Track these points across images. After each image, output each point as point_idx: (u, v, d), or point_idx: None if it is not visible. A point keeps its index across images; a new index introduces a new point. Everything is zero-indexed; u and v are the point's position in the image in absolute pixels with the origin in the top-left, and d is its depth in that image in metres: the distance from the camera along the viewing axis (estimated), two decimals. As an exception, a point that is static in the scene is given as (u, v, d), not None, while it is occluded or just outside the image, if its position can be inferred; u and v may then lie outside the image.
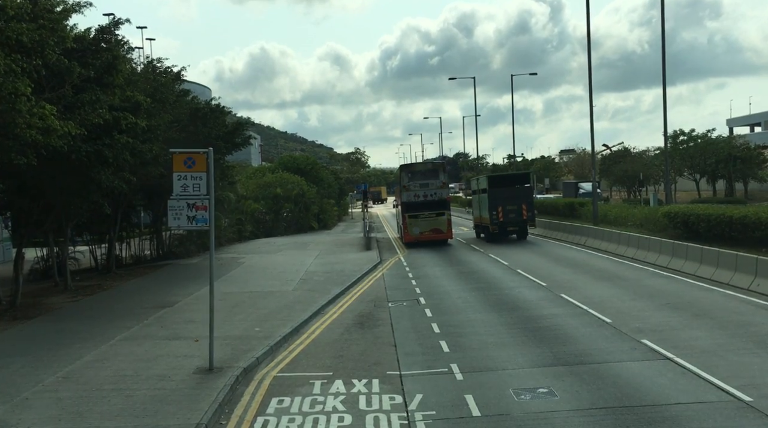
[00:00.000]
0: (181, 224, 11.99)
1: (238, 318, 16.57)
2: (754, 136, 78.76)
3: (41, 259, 26.81)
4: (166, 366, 12.25)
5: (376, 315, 17.17)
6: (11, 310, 18.34)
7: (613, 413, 9.37)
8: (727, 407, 9.40)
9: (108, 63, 18.22)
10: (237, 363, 12.25)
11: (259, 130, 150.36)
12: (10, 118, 13.74)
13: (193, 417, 9.54)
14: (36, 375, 11.89)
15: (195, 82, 55.27)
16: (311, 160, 67.89)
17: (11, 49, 13.65)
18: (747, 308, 15.72)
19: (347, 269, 25.85)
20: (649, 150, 75.43)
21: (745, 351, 12.11)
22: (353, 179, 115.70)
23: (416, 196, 34.69)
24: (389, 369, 12.05)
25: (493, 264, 26.47)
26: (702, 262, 20.75)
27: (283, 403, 10.42)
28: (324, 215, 59.38)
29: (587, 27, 35.48)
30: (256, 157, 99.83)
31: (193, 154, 11.79)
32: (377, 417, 9.65)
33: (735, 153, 60.11)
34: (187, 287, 21.89)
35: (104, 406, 10.13)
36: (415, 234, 34.65)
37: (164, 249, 32.82)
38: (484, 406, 9.85)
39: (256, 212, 47.85)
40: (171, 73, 27.65)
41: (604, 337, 13.59)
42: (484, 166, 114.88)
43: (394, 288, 21.43)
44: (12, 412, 10.00)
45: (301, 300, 18.92)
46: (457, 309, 17.28)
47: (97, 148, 17.54)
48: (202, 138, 26.70)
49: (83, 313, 17.95)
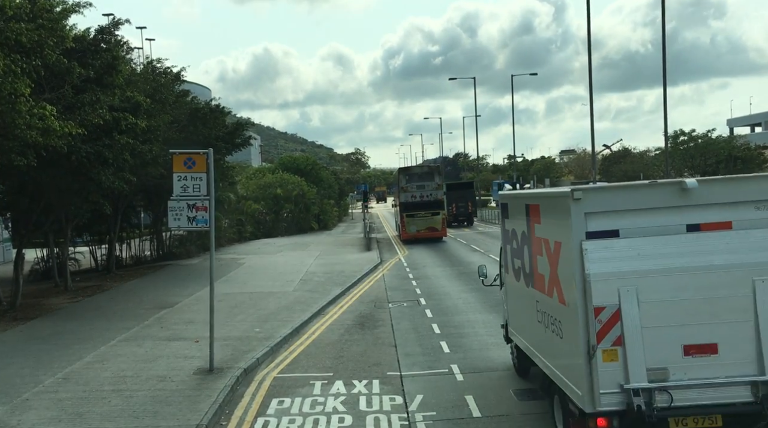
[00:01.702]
0: (181, 225, 11.97)
1: (238, 318, 16.55)
2: (755, 137, 78.69)
3: (41, 260, 26.80)
4: (167, 366, 12.23)
5: (377, 315, 17.15)
6: (11, 311, 18.32)
7: (614, 414, 9.31)
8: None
9: (108, 63, 18.20)
10: (237, 364, 12.23)
11: (259, 131, 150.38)
12: (10, 118, 13.72)
13: (193, 418, 9.53)
14: (36, 376, 11.88)
15: (195, 83, 55.24)
16: (311, 161, 67.91)
17: (10, 50, 13.62)
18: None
19: (347, 270, 25.83)
20: (649, 150, 75.47)
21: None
22: (353, 180, 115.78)
23: (413, 197, 37.37)
24: (389, 369, 12.04)
25: (494, 264, 26.37)
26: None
27: (284, 404, 10.41)
28: (324, 216, 59.41)
29: (587, 27, 35.48)
30: (256, 157, 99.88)
31: (193, 155, 11.77)
32: (377, 418, 9.63)
33: (735, 153, 60.11)
34: (188, 288, 21.87)
35: (104, 407, 10.11)
36: (412, 232, 37.13)
37: (164, 250, 32.81)
38: (484, 407, 9.83)
39: (256, 213, 47.87)
40: (171, 74, 27.62)
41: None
42: (485, 167, 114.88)
43: (395, 289, 21.41)
44: (12, 413, 9.98)
45: (301, 301, 18.90)
46: (457, 310, 17.26)
47: (97, 148, 17.54)
48: (202, 138, 26.68)
49: (83, 314, 17.93)
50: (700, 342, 6.95)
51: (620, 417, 6.95)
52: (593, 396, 6.99)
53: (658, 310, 6.96)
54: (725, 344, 6.94)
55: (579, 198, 7.17)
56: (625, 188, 7.73)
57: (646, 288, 6.95)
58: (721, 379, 6.91)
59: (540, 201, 8.69)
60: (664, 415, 6.87)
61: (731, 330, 6.94)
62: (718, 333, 6.94)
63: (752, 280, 6.94)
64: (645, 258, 7.06)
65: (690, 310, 6.95)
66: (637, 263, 7.04)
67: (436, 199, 37.84)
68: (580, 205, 7.18)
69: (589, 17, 35.53)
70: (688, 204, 7.18)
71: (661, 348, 6.92)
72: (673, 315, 6.95)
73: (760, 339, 6.87)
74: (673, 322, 6.95)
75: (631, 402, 6.81)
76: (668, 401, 6.89)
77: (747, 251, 7.01)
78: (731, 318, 6.94)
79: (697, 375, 6.92)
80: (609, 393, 6.93)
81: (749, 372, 6.91)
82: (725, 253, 7.04)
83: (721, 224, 7.15)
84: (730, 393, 6.92)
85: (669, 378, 6.93)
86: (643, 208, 7.25)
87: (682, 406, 6.90)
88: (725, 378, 6.92)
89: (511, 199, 10.46)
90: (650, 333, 6.91)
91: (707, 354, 6.96)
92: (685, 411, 6.94)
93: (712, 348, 6.96)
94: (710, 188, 7.30)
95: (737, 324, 6.94)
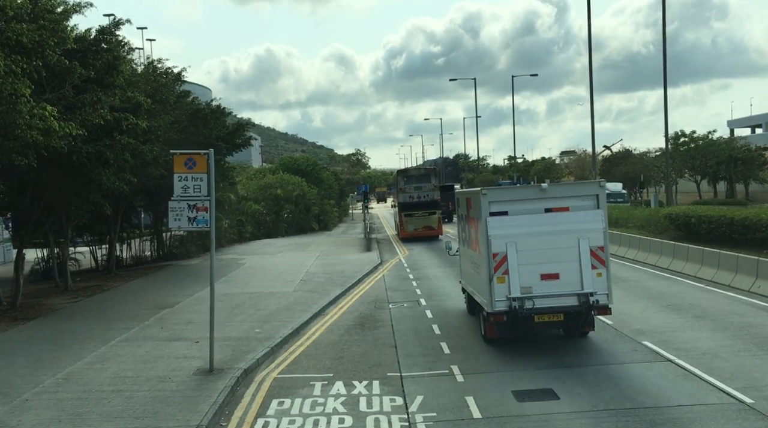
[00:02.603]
0: (182, 225, 11.98)
1: (238, 319, 16.54)
2: (755, 138, 78.59)
3: (42, 260, 26.80)
4: (167, 367, 12.23)
5: (377, 316, 17.14)
6: (11, 311, 18.32)
7: (614, 415, 9.34)
8: (729, 409, 9.38)
9: (108, 63, 18.20)
10: (237, 365, 12.23)
11: (260, 131, 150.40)
12: (11, 118, 13.72)
13: (193, 418, 9.53)
14: (36, 376, 11.88)
15: (196, 83, 55.23)
16: (312, 161, 67.87)
17: (11, 50, 13.62)
18: (748, 310, 15.69)
19: (348, 270, 25.83)
20: (650, 151, 75.37)
21: (746, 352, 12.09)
22: (354, 180, 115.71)
23: (411, 198, 39.72)
24: (390, 370, 12.03)
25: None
26: (703, 264, 20.72)
27: (284, 405, 10.40)
28: (324, 216, 59.35)
29: (588, 28, 35.51)
30: (257, 158, 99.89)
31: (193, 155, 11.78)
32: (378, 419, 9.63)
33: (736, 154, 60.06)
34: (188, 288, 21.87)
35: (104, 407, 10.11)
36: (410, 230, 39.39)
37: (164, 250, 32.81)
38: (485, 408, 9.82)
39: (256, 213, 47.84)
40: (171, 74, 27.64)
41: (605, 339, 13.55)
42: (485, 167, 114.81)
43: (395, 290, 21.40)
44: (12, 413, 9.98)
45: (301, 302, 18.90)
46: (458, 311, 17.25)
47: (97, 148, 17.54)
48: (203, 139, 26.69)
49: (83, 314, 17.93)
50: (549, 272, 12.06)
51: (506, 314, 12.12)
52: (492, 303, 12.17)
53: (526, 255, 12.05)
54: (563, 273, 12.05)
55: (485, 193, 12.58)
56: (510, 188, 14.29)
57: (520, 243, 12.08)
58: (561, 293, 12.03)
59: (470, 195, 13.98)
60: (530, 313, 12.02)
61: (566, 266, 12.04)
62: (559, 268, 12.06)
63: (577, 239, 12.04)
64: (520, 227, 12.20)
65: (544, 255, 12.04)
66: (516, 229, 12.18)
67: (433, 199, 39.65)
68: (486, 197, 12.47)
69: (589, 18, 35.57)
70: (544, 197, 12.48)
71: (528, 276, 12.03)
72: (535, 258, 12.03)
73: (581, 271, 11.99)
74: (534, 262, 12.02)
75: (512, 306, 11.98)
76: (532, 305, 12.00)
77: (575, 223, 12.18)
78: (566, 259, 12.04)
79: (548, 291, 12.03)
80: (500, 301, 12.10)
81: (576, 290, 12.03)
82: (564, 224, 12.19)
83: (563, 208, 12.40)
84: (565, 301, 12.06)
85: (532, 292, 12.00)
86: (520, 199, 12.60)
87: (539, 308, 12.02)
88: (563, 292, 12.03)
89: (459, 195, 16.33)
90: (522, 268, 12.05)
91: (553, 279, 12.06)
92: (542, 311, 12.05)
93: (556, 276, 12.07)
94: (556, 188, 12.89)
95: (569, 263, 12.04)
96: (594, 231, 12.09)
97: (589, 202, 12.44)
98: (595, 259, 12.04)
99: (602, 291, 12.03)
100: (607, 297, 12.11)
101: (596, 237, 12.07)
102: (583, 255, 11.95)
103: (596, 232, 12.09)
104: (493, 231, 12.13)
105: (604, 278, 12.07)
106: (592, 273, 11.98)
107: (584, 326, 12.74)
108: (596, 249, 12.04)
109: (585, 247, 11.98)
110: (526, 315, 11.96)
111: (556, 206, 12.36)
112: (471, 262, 14.21)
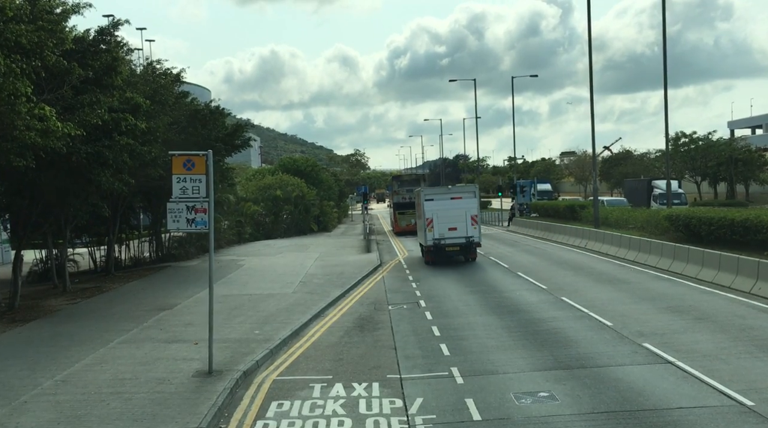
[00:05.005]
0: (181, 226, 11.94)
1: (237, 320, 16.51)
2: (756, 139, 78.67)
3: (40, 261, 26.76)
4: (165, 369, 12.19)
5: (377, 318, 17.10)
6: (10, 313, 18.28)
7: (614, 417, 9.31)
8: (729, 411, 9.34)
9: (107, 64, 18.17)
10: (236, 367, 12.19)
11: (259, 132, 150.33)
12: (9, 119, 13.68)
13: (193, 420, 9.49)
14: (34, 378, 11.83)
15: (195, 84, 55.22)
16: (311, 162, 67.79)
17: (10, 51, 13.58)
18: (748, 311, 15.66)
19: (347, 271, 25.80)
20: (650, 152, 75.40)
21: (746, 355, 12.05)
22: (353, 181, 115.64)
23: (403, 199, 47.67)
24: (389, 372, 11.99)
25: (493, 266, 26.41)
26: (703, 265, 20.69)
27: (283, 407, 10.37)
28: (324, 217, 59.29)
29: (588, 28, 35.50)
30: (256, 158, 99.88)
31: (192, 156, 11.73)
32: (377, 421, 9.59)
33: (736, 155, 60.06)
34: (187, 289, 21.83)
35: (103, 410, 10.07)
36: (402, 225, 47.25)
37: (163, 252, 32.76)
38: (484, 410, 9.79)
39: (255, 214, 47.80)
40: (170, 75, 27.60)
41: (605, 341, 13.53)
42: (485, 168, 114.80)
43: (395, 291, 21.36)
44: (10, 416, 9.94)
45: (300, 303, 18.86)
46: (457, 312, 17.22)
47: (96, 149, 17.50)
48: (202, 140, 26.65)
49: (82, 316, 17.88)
50: (452, 227, 26.55)
51: (433, 247, 26.77)
52: (426, 241, 27.05)
53: (441, 219, 26.50)
54: (459, 228, 26.59)
55: (421, 190, 30.20)
56: (435, 186, 42.42)
57: (438, 213, 26.56)
58: (457, 237, 26.67)
59: (419, 192, 29.79)
60: (443, 246, 26.74)
61: (460, 224, 26.52)
62: (457, 224, 26.53)
63: (465, 211, 26.56)
64: (438, 206, 26.77)
65: (449, 219, 26.50)
66: (436, 207, 26.77)
67: None
68: (423, 192, 28.29)
69: (589, 19, 35.58)
70: (450, 192, 28.01)
71: (442, 229, 26.56)
72: (445, 220, 26.47)
73: (467, 226, 26.54)
74: (445, 222, 26.48)
75: (435, 243, 26.68)
76: (444, 243, 26.70)
77: (464, 205, 26.75)
78: (460, 221, 26.51)
79: (451, 235, 26.65)
80: (431, 241, 26.68)
81: (464, 234, 26.65)
82: (459, 205, 26.77)
83: (458, 197, 27.13)
84: (460, 241, 26.73)
85: (444, 237, 26.63)
86: (438, 193, 28.19)
87: (447, 243, 26.74)
88: (458, 236, 26.65)
89: (415, 193, 35.29)
90: (439, 225, 26.51)
91: (454, 231, 26.58)
92: (449, 245, 26.83)
93: (455, 229, 26.57)
94: (455, 188, 30.19)
95: (461, 223, 26.50)
96: (472, 208, 26.71)
97: (471, 194, 27.36)
98: (472, 221, 26.45)
99: (477, 237, 26.73)
100: (479, 239, 26.96)
101: (473, 210, 26.65)
102: (468, 219, 26.45)
103: (473, 208, 26.73)
104: (427, 208, 26.73)
105: (478, 230, 26.73)
106: (472, 228, 26.52)
107: (470, 253, 27.23)
108: (474, 216, 26.54)
109: (468, 215, 26.47)
110: (442, 247, 26.66)
111: (455, 196, 27.16)
112: (420, 227, 28.67)
